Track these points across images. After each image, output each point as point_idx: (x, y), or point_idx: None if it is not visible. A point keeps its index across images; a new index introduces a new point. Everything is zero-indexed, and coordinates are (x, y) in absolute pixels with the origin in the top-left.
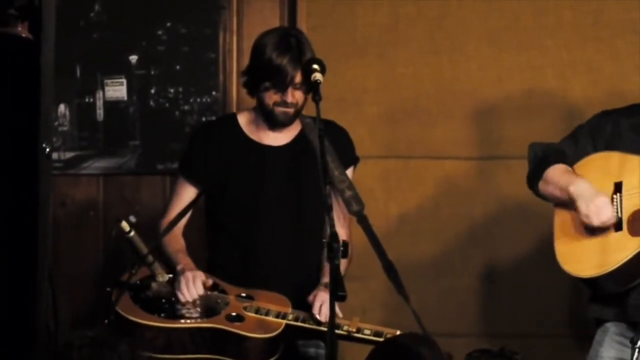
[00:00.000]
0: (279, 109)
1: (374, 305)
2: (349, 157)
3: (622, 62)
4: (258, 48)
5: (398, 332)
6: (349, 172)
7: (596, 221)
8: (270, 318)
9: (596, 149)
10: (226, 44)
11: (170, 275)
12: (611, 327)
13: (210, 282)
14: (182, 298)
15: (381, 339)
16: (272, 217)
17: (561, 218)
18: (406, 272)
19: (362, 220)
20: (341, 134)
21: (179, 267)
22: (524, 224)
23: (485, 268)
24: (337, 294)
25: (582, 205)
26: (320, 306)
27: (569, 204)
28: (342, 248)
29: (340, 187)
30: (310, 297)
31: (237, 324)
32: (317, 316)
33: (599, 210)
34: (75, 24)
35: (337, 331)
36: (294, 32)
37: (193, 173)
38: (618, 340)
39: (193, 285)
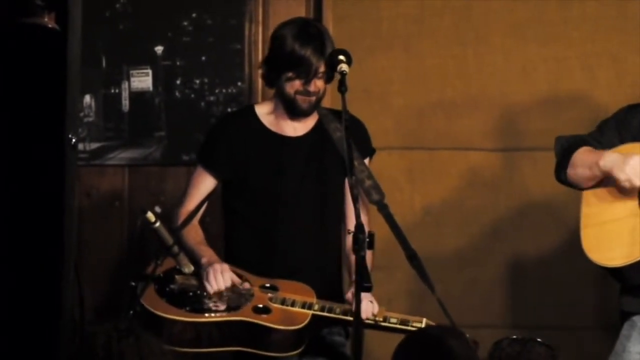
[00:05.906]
0: (301, 98)
1: (399, 295)
2: (366, 148)
3: None
4: (278, 39)
5: (424, 320)
6: (365, 162)
7: (638, 181)
8: (297, 309)
9: (622, 142)
10: (252, 35)
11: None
12: (639, 322)
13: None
14: (210, 290)
15: (407, 327)
16: (293, 207)
17: (589, 206)
18: (430, 263)
19: (383, 209)
20: (358, 125)
21: (203, 260)
22: (549, 216)
23: (509, 260)
24: (363, 285)
25: (619, 173)
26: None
27: (600, 180)
28: (367, 239)
29: (360, 177)
30: (349, 295)
31: (264, 316)
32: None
33: (637, 169)
34: (101, 14)
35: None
36: (313, 22)
37: (215, 163)
38: None
39: (221, 277)
